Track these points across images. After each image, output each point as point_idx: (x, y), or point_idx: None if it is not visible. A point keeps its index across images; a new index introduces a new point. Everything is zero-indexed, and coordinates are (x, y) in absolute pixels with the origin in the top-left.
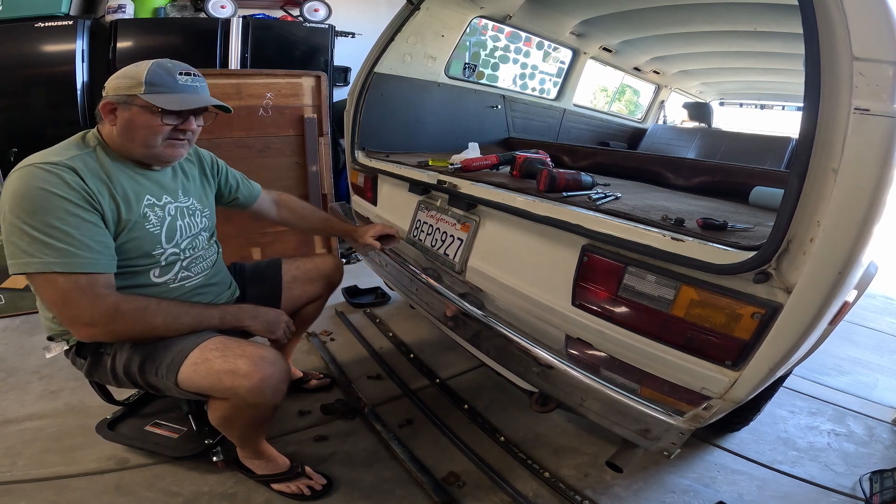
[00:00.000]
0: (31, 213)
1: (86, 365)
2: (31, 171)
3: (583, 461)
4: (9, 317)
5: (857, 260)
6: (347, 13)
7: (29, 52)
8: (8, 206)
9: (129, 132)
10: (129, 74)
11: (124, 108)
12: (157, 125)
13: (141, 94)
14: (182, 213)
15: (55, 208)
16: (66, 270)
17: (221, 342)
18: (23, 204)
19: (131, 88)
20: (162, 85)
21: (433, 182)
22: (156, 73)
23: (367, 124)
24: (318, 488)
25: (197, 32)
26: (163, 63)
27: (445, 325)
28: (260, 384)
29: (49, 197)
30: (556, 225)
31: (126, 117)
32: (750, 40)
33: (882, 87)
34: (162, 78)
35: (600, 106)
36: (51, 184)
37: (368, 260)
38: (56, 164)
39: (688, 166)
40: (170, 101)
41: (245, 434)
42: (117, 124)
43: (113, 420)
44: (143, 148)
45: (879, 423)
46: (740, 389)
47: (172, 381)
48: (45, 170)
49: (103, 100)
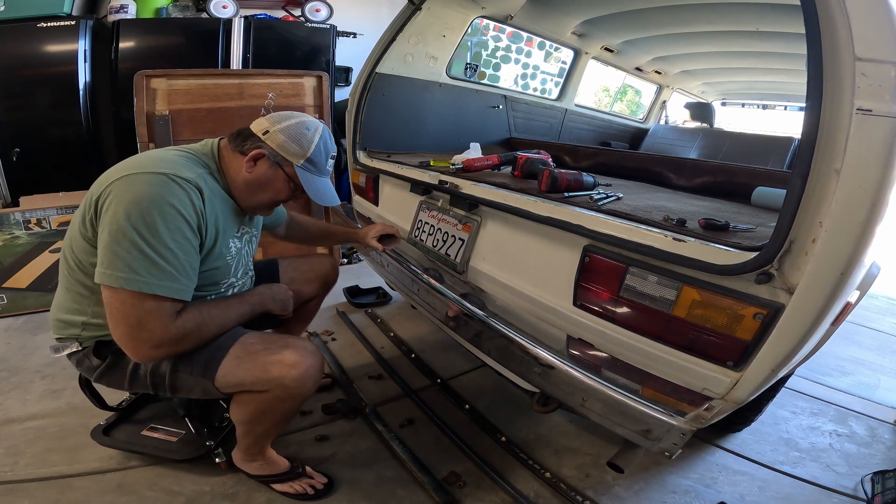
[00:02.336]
0: (153, 229)
1: (101, 367)
2: (165, 181)
3: (584, 461)
4: (11, 316)
5: (859, 261)
6: (349, 13)
7: (31, 52)
8: (127, 211)
9: (260, 186)
10: (298, 141)
11: (272, 166)
12: (285, 196)
13: (298, 165)
14: (245, 240)
15: (176, 229)
16: (162, 294)
17: (260, 336)
18: (147, 216)
19: (294, 156)
20: (317, 167)
21: (435, 182)
22: (319, 152)
23: (368, 124)
24: (320, 487)
25: (199, 32)
26: (328, 139)
27: (447, 326)
28: (305, 373)
29: (175, 216)
30: (557, 225)
31: (267, 174)
32: (752, 40)
33: (884, 87)
34: (320, 159)
35: (602, 106)
36: (180, 202)
37: (370, 260)
38: (188, 181)
39: (690, 167)
40: (314, 191)
41: (269, 430)
42: (253, 172)
43: (107, 426)
44: (259, 203)
45: (881, 424)
46: (742, 390)
47: (210, 378)
48: (179, 185)
49: (260, 148)
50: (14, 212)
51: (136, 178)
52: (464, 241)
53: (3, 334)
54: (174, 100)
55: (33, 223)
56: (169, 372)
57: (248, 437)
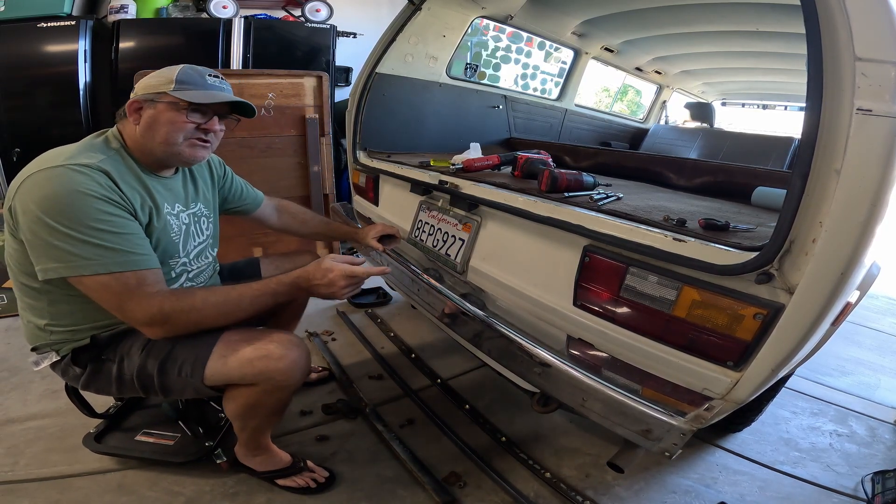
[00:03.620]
0: (71, 216)
1: (84, 375)
2: (62, 172)
3: (584, 461)
4: (11, 316)
5: (859, 261)
6: (349, 13)
7: (31, 52)
8: (40, 208)
9: (151, 129)
10: (160, 74)
11: (150, 106)
12: (182, 121)
13: (170, 90)
14: (192, 219)
15: (94, 210)
16: (120, 270)
17: (242, 332)
18: (59, 207)
19: (160, 86)
20: (191, 83)
21: (435, 182)
22: (186, 72)
23: (368, 124)
24: (322, 481)
25: (199, 33)
26: (193, 66)
27: (447, 326)
28: (292, 365)
29: (86, 199)
30: (557, 225)
31: (151, 114)
32: (752, 40)
33: (885, 87)
34: (192, 77)
35: (602, 106)
36: (85, 186)
37: (370, 260)
38: (88, 167)
39: (690, 167)
40: (197, 96)
41: (263, 423)
42: (141, 122)
43: (98, 433)
44: (165, 146)
45: (882, 424)
46: (742, 390)
47: (199, 377)
48: (77, 171)
49: (131, 99)
50: None
51: (37, 176)
52: (464, 242)
53: (4, 334)
54: None
55: None
56: (157, 373)
57: (244, 432)
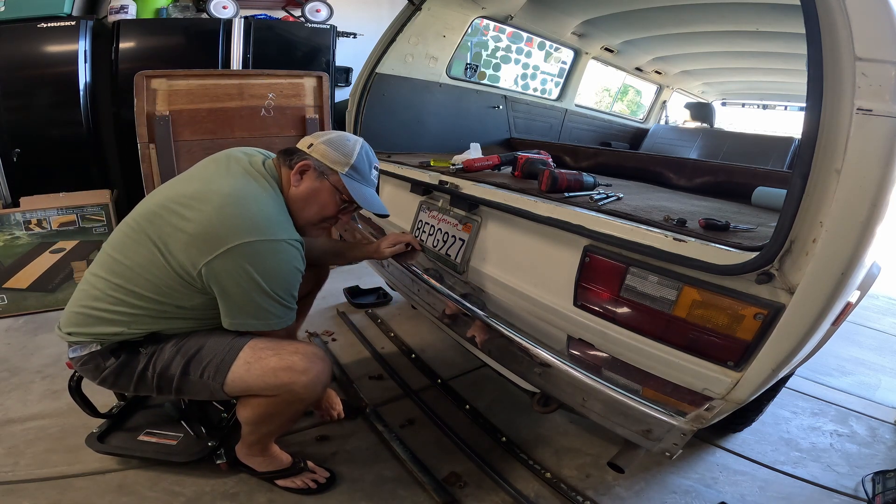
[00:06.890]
0: (286, 287)
1: (113, 366)
2: (286, 248)
3: (584, 462)
4: (12, 316)
5: (859, 261)
6: (349, 14)
7: (31, 52)
8: (263, 277)
9: (307, 201)
10: (341, 149)
11: (317, 177)
12: (333, 208)
13: (343, 173)
14: None
15: (297, 282)
16: (290, 323)
17: (270, 340)
18: (278, 280)
19: (337, 164)
20: (361, 174)
21: (435, 182)
22: (362, 159)
23: (368, 125)
24: (322, 481)
25: (199, 33)
26: (368, 150)
27: (447, 326)
28: (315, 379)
29: (298, 275)
30: (557, 225)
31: (314, 186)
32: (752, 40)
33: (885, 87)
34: (364, 168)
35: (602, 106)
36: (298, 262)
37: (371, 261)
38: (299, 242)
39: (690, 167)
40: (361, 197)
41: (275, 430)
42: (300, 186)
43: (101, 433)
44: (307, 219)
45: (882, 424)
46: (742, 390)
47: (220, 382)
48: (294, 247)
49: (304, 160)
50: (14, 212)
51: (259, 246)
52: (464, 242)
53: (4, 335)
54: (174, 100)
55: (34, 224)
56: (178, 375)
57: (252, 436)
